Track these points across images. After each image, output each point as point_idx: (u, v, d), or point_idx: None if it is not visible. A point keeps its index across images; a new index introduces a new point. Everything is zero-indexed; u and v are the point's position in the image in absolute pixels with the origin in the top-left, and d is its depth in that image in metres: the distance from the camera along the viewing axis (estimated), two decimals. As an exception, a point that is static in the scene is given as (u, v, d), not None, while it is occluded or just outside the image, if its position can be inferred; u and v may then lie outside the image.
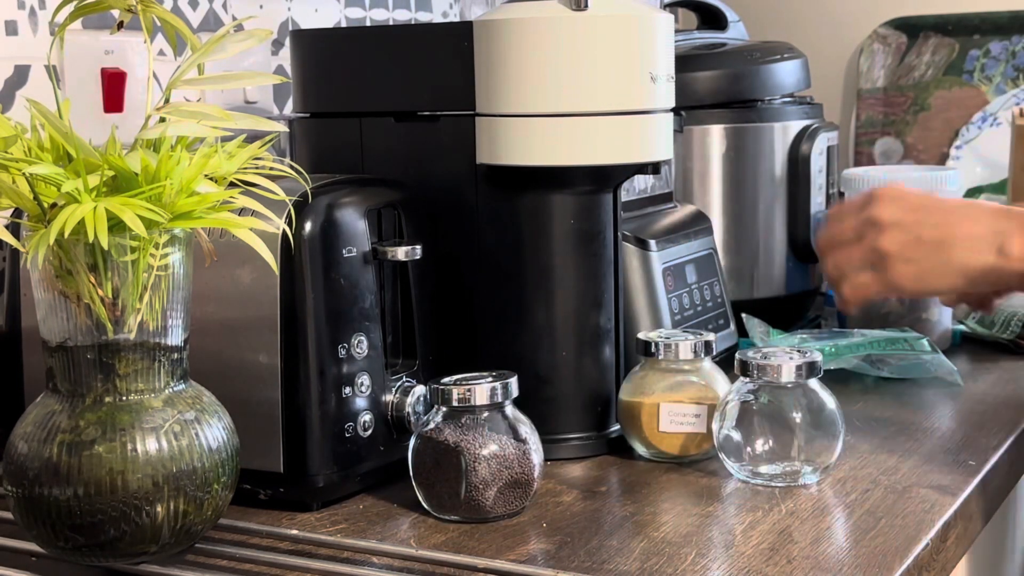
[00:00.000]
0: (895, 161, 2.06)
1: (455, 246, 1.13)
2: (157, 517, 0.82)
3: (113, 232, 0.78)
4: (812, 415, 1.04)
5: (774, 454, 1.03)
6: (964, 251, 1.07)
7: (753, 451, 1.04)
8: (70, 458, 0.81)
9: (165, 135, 0.81)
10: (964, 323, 1.53)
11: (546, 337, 1.12)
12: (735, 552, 0.90)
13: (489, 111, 1.09)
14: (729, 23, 1.73)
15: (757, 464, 1.04)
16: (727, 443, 1.05)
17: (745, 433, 1.04)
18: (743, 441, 1.04)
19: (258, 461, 0.98)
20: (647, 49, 1.07)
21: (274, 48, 1.47)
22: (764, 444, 1.03)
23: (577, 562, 0.89)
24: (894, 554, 0.90)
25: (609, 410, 1.15)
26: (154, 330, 0.83)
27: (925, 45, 2.07)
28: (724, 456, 1.05)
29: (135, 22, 0.88)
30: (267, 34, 0.88)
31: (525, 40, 1.06)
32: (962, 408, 1.27)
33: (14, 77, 1.18)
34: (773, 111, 1.53)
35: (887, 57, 2.09)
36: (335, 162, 1.17)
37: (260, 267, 0.97)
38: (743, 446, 1.04)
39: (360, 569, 0.87)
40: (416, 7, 1.68)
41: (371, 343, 1.02)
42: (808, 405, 1.04)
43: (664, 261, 1.29)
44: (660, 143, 1.10)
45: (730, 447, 1.05)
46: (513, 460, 0.97)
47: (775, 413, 1.04)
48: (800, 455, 1.03)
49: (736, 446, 1.04)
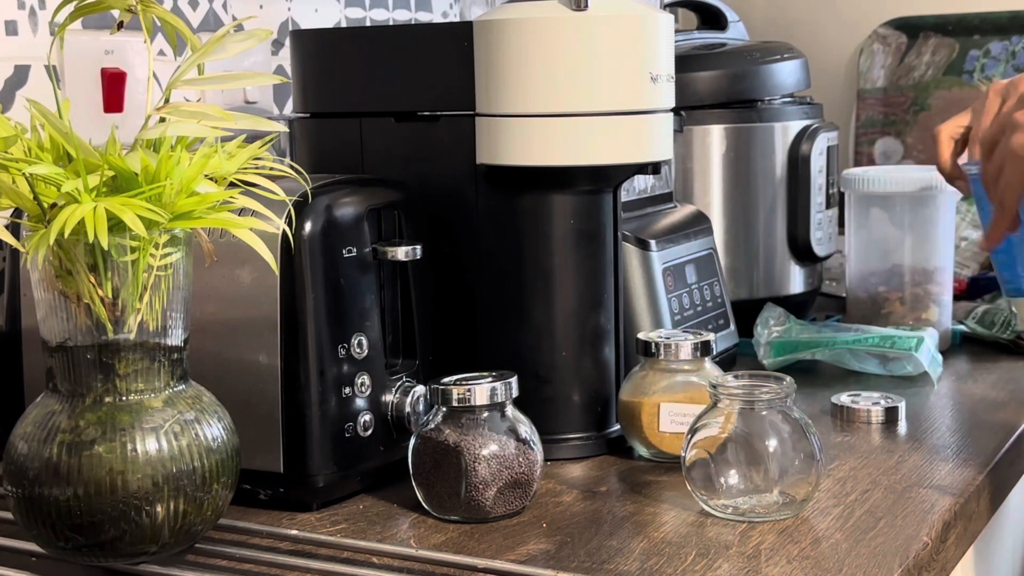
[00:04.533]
0: (895, 161, 2.06)
1: (455, 246, 1.13)
2: (157, 517, 0.82)
3: (113, 232, 0.78)
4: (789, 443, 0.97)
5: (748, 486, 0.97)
6: None
7: (726, 482, 0.97)
8: (70, 458, 0.81)
9: (165, 135, 0.81)
10: (964, 323, 1.53)
11: (546, 337, 1.12)
12: (735, 552, 0.90)
13: (489, 111, 1.09)
14: (729, 23, 1.73)
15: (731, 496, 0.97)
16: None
17: (718, 464, 0.97)
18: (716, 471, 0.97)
19: (258, 461, 0.98)
20: (647, 49, 1.07)
21: (274, 48, 1.47)
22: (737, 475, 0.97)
23: (577, 562, 0.89)
24: (894, 554, 0.90)
25: (609, 410, 1.15)
26: (154, 330, 0.83)
27: (925, 45, 2.07)
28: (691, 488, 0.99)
29: (135, 22, 0.88)
30: (267, 34, 0.88)
31: (525, 40, 1.06)
32: (962, 408, 1.27)
33: (14, 77, 1.18)
34: (773, 111, 1.53)
35: (887, 57, 2.09)
36: (335, 162, 1.17)
37: (260, 267, 0.97)
38: (716, 476, 0.97)
39: (360, 569, 0.87)
40: (416, 7, 1.68)
41: (371, 343, 1.02)
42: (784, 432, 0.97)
43: (664, 261, 1.29)
44: (660, 143, 1.10)
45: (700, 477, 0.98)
46: (513, 460, 0.97)
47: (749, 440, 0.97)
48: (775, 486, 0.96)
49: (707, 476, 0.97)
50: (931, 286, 1.47)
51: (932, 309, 1.47)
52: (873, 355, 1.36)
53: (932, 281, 1.47)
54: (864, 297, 1.50)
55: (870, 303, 1.50)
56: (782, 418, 0.97)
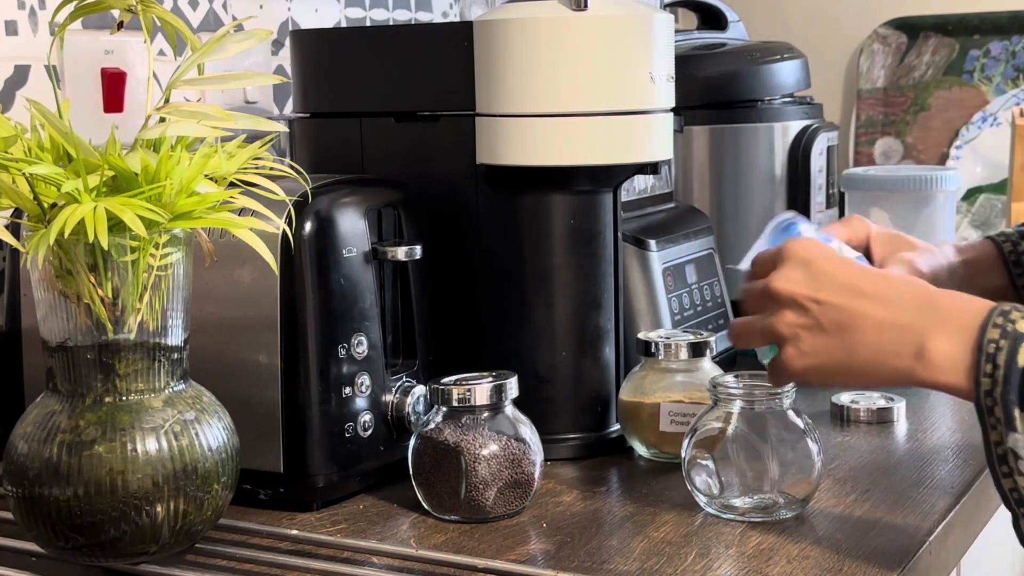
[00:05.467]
0: (895, 161, 2.06)
1: (455, 246, 1.13)
2: (157, 517, 0.82)
3: (113, 232, 0.78)
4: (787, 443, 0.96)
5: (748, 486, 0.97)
6: (869, 349, 0.84)
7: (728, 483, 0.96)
8: (70, 458, 0.81)
9: (165, 135, 0.81)
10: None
11: (546, 337, 1.12)
12: (735, 552, 0.90)
13: (489, 111, 1.09)
14: (729, 23, 1.73)
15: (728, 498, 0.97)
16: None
17: (720, 464, 0.97)
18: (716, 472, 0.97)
19: (258, 461, 0.98)
20: (647, 49, 1.07)
21: (274, 48, 1.47)
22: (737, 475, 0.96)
23: (577, 562, 0.89)
24: (894, 554, 0.90)
25: (609, 410, 1.15)
26: (154, 330, 0.83)
27: (925, 45, 2.07)
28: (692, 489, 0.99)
29: (135, 22, 0.88)
30: (267, 34, 0.88)
31: (525, 40, 1.06)
32: (962, 408, 1.26)
33: (14, 77, 1.18)
34: (773, 111, 1.53)
35: (887, 57, 2.09)
36: (335, 162, 1.17)
37: (260, 267, 0.97)
38: (717, 476, 0.97)
39: (360, 569, 0.87)
40: (416, 7, 1.68)
41: (371, 343, 1.02)
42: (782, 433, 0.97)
43: (664, 261, 1.29)
44: (660, 143, 1.10)
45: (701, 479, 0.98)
46: (513, 460, 0.97)
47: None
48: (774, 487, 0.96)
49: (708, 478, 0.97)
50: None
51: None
52: None
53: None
54: (864, 297, 1.50)
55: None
56: (782, 418, 0.97)
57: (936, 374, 0.83)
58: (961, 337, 0.82)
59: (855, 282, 0.87)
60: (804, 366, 0.87)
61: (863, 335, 0.85)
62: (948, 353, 0.82)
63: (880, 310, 0.85)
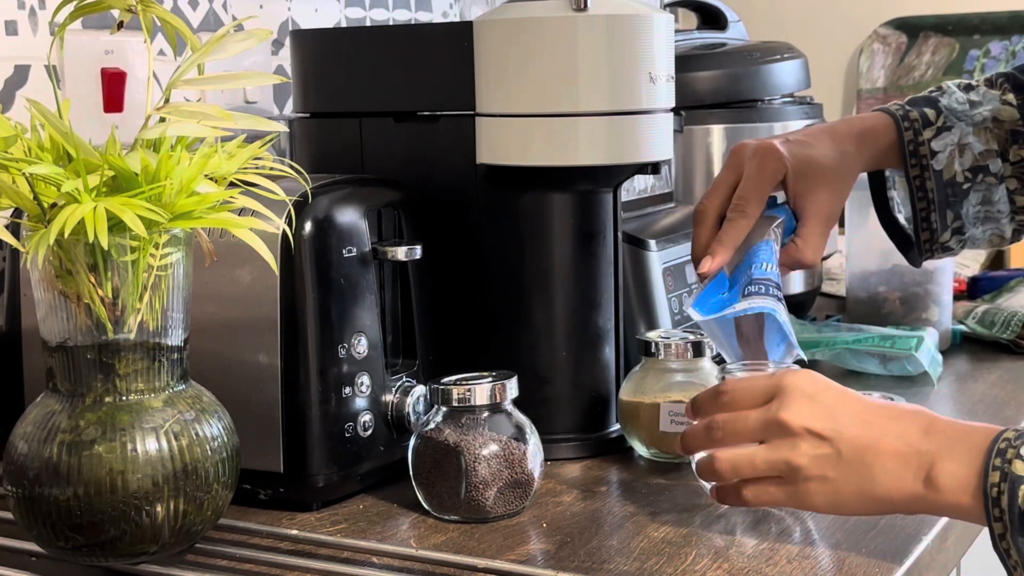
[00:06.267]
0: (895, 161, 2.06)
1: (455, 246, 1.13)
2: (157, 517, 0.82)
3: (113, 232, 0.78)
4: None
5: None
6: (887, 476, 0.86)
7: None
8: (70, 458, 0.81)
9: (165, 135, 0.81)
10: (964, 323, 1.53)
11: (546, 337, 1.12)
12: (735, 552, 0.90)
13: (489, 111, 1.09)
14: (729, 23, 1.73)
15: None
16: None
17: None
18: None
19: (258, 461, 0.98)
20: (647, 49, 1.07)
21: (274, 48, 1.47)
22: None
23: (577, 562, 0.89)
24: (894, 554, 0.90)
25: (609, 410, 1.15)
26: (154, 330, 0.83)
27: (925, 45, 2.07)
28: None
29: (135, 22, 0.88)
30: (267, 34, 0.88)
31: (525, 40, 1.06)
32: (962, 408, 1.27)
33: (14, 77, 1.18)
34: (773, 111, 1.53)
35: (887, 57, 2.09)
36: (335, 162, 1.17)
37: (260, 267, 0.97)
38: None
39: (360, 569, 0.87)
40: (416, 7, 1.68)
41: (371, 343, 1.02)
42: None
43: (664, 261, 1.29)
44: (660, 143, 1.10)
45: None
46: (513, 460, 0.97)
47: None
48: None
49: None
50: (931, 286, 1.47)
51: (932, 309, 1.47)
52: (873, 355, 1.36)
53: (932, 281, 1.47)
54: (864, 297, 1.50)
55: (870, 303, 1.50)
56: None
57: (947, 495, 0.85)
58: (967, 459, 0.85)
59: (862, 412, 0.89)
60: (822, 492, 0.87)
61: (882, 461, 0.86)
62: (955, 474, 0.85)
63: (889, 438, 0.87)
